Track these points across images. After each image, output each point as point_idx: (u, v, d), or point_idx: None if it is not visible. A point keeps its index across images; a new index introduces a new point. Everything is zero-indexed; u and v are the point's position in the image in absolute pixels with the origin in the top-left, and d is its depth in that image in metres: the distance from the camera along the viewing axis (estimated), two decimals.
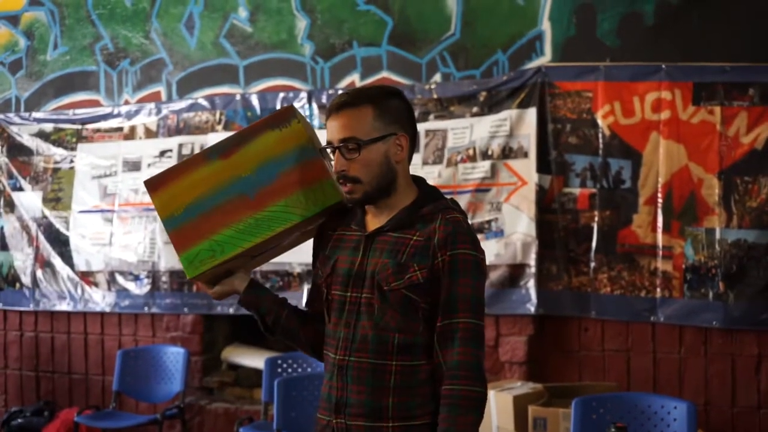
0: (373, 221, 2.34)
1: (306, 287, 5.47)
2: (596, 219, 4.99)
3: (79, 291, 6.16)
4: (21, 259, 6.39)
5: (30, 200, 6.37)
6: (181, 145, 5.94)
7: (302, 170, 2.38)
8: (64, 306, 6.22)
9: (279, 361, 5.30)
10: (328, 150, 2.34)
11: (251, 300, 2.46)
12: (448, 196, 2.41)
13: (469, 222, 2.38)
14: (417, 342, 2.25)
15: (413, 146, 2.36)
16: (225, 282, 2.47)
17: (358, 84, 5.56)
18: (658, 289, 4.88)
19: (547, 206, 5.06)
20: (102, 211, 6.12)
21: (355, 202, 2.32)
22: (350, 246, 2.34)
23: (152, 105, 6.05)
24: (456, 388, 2.20)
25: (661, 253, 4.87)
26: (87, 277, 6.15)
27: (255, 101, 5.78)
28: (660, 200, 4.88)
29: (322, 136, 2.42)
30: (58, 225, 6.24)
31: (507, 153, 5.12)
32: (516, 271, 5.08)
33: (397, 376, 2.24)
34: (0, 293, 5.26)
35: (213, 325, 5.97)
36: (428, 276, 2.23)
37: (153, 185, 2.48)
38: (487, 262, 4.98)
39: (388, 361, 2.25)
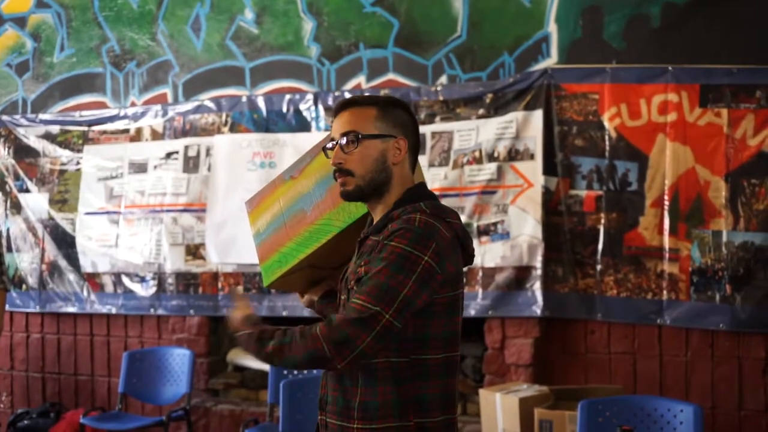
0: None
1: None
2: (602, 221, 4.98)
3: (85, 293, 6.17)
4: (27, 261, 6.40)
5: (36, 202, 6.38)
6: (187, 147, 5.95)
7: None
8: (70, 308, 6.23)
9: None
10: (329, 146, 2.40)
11: (320, 309, 2.66)
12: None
13: (447, 225, 2.28)
14: None
15: (414, 155, 2.39)
16: (309, 291, 2.69)
17: (365, 86, 5.56)
18: (665, 292, 4.87)
19: (553, 208, 5.05)
20: (108, 212, 6.12)
21: (347, 196, 2.36)
22: (354, 253, 2.42)
23: (158, 107, 6.06)
24: (316, 327, 2.19)
25: (667, 255, 4.87)
26: (93, 278, 6.15)
27: (261, 103, 5.78)
28: (666, 203, 4.87)
29: None
30: (65, 227, 6.25)
31: (513, 155, 5.11)
32: (522, 274, 5.08)
33: (361, 374, 2.26)
34: (7, 294, 5.26)
35: (219, 327, 5.97)
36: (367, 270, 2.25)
37: (250, 205, 2.80)
38: (493, 265, 5.09)
39: None
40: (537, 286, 5.03)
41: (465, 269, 2.40)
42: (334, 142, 2.36)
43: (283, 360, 2.23)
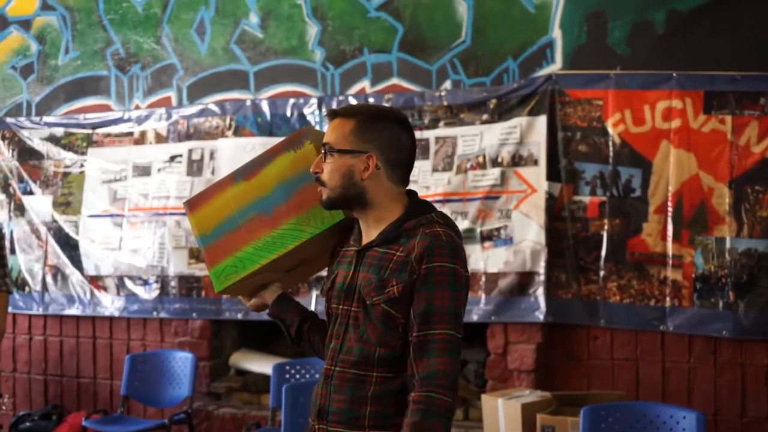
0: (367, 236, 2.41)
1: (315, 293, 5.48)
2: (606, 227, 4.98)
3: (88, 295, 6.17)
4: (30, 263, 6.40)
5: (40, 204, 6.38)
6: (191, 151, 5.95)
7: (311, 190, 2.45)
8: (73, 310, 6.23)
9: (287, 367, 5.30)
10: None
11: (277, 312, 2.62)
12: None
13: (456, 233, 2.36)
14: (396, 355, 2.30)
15: (396, 169, 2.38)
16: (259, 295, 2.64)
17: (369, 90, 5.56)
18: (668, 298, 4.86)
19: (556, 214, 5.05)
20: (112, 215, 6.13)
21: (323, 204, 2.40)
22: (347, 261, 2.43)
23: (163, 110, 6.06)
24: (432, 395, 2.20)
25: (670, 262, 4.86)
26: (96, 281, 6.16)
27: (265, 107, 5.79)
28: (670, 209, 4.87)
29: None
30: (68, 229, 6.25)
31: (517, 160, 5.11)
32: (525, 279, 5.07)
33: (375, 387, 2.30)
34: (10, 297, 5.26)
35: (221, 330, 5.98)
36: (403, 291, 2.27)
37: (191, 206, 2.68)
38: (496, 270, 5.09)
39: (369, 372, 2.31)
40: (540, 292, 5.03)
41: None
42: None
43: None
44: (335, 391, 2.34)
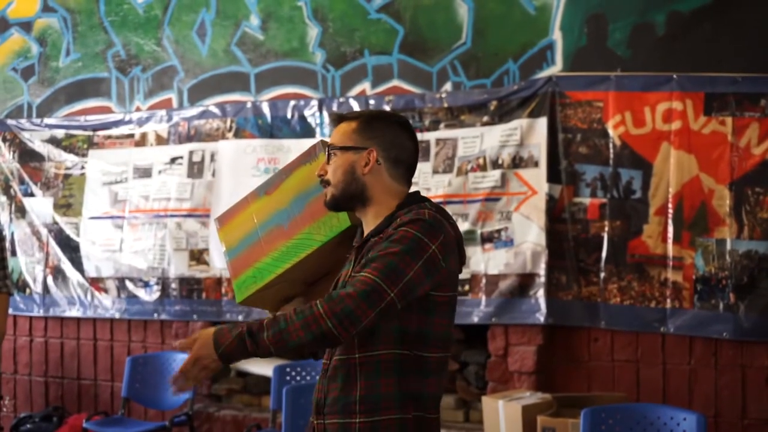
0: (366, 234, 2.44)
1: None
2: (606, 229, 4.98)
3: (89, 297, 6.17)
4: (31, 265, 6.41)
5: (41, 206, 6.39)
6: (191, 152, 5.96)
7: (323, 199, 2.50)
8: (74, 312, 6.24)
9: (287, 369, 5.30)
10: None
11: None
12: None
13: (450, 222, 2.37)
14: (372, 330, 2.27)
15: (398, 166, 2.43)
16: (282, 309, 2.63)
17: (369, 92, 5.57)
18: (668, 300, 4.86)
19: (557, 216, 5.05)
20: (112, 217, 6.13)
21: (327, 204, 2.45)
22: (349, 260, 2.46)
23: (163, 112, 6.07)
24: (317, 307, 2.17)
25: (671, 263, 4.86)
26: (97, 283, 6.16)
27: (266, 109, 5.79)
28: (670, 211, 4.87)
29: None
30: (69, 231, 6.25)
31: (517, 162, 5.12)
32: (526, 281, 5.07)
33: (361, 368, 2.30)
34: (10, 298, 5.27)
35: None
36: None
37: (220, 222, 2.77)
38: (496, 272, 5.09)
39: (352, 354, 2.32)
40: (540, 294, 5.03)
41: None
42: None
43: (285, 347, 2.19)
44: (330, 382, 2.37)
